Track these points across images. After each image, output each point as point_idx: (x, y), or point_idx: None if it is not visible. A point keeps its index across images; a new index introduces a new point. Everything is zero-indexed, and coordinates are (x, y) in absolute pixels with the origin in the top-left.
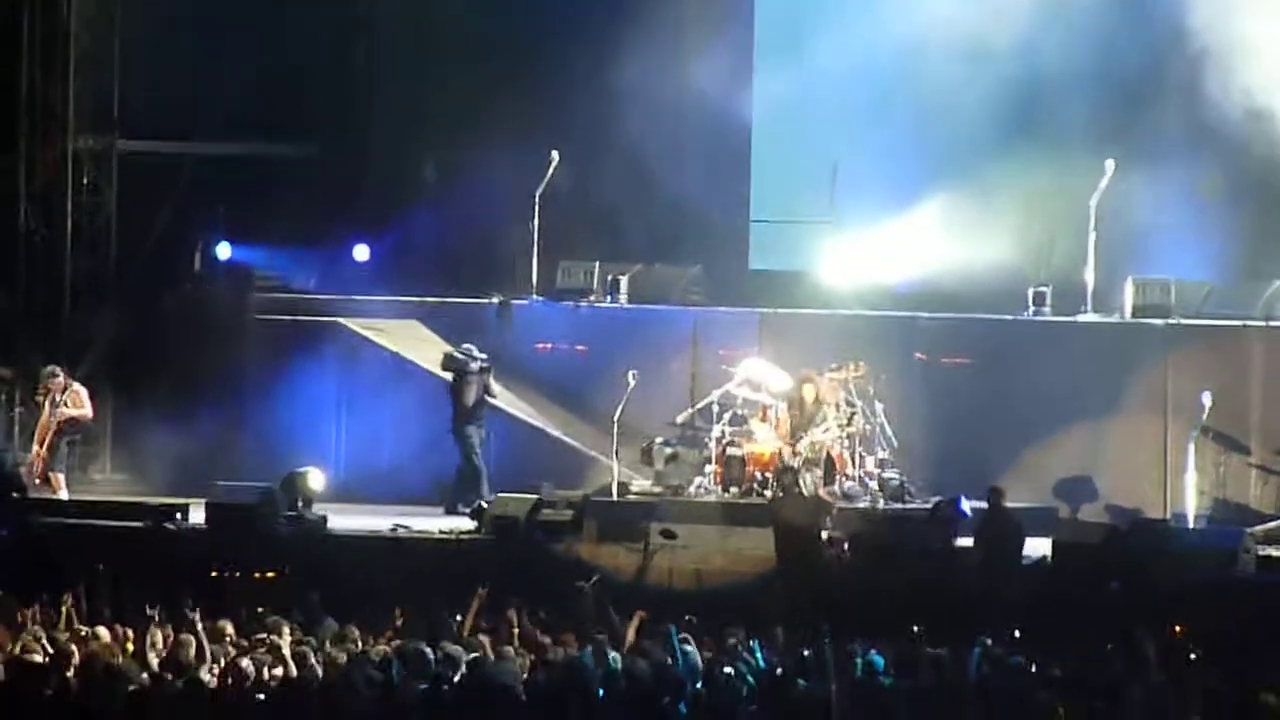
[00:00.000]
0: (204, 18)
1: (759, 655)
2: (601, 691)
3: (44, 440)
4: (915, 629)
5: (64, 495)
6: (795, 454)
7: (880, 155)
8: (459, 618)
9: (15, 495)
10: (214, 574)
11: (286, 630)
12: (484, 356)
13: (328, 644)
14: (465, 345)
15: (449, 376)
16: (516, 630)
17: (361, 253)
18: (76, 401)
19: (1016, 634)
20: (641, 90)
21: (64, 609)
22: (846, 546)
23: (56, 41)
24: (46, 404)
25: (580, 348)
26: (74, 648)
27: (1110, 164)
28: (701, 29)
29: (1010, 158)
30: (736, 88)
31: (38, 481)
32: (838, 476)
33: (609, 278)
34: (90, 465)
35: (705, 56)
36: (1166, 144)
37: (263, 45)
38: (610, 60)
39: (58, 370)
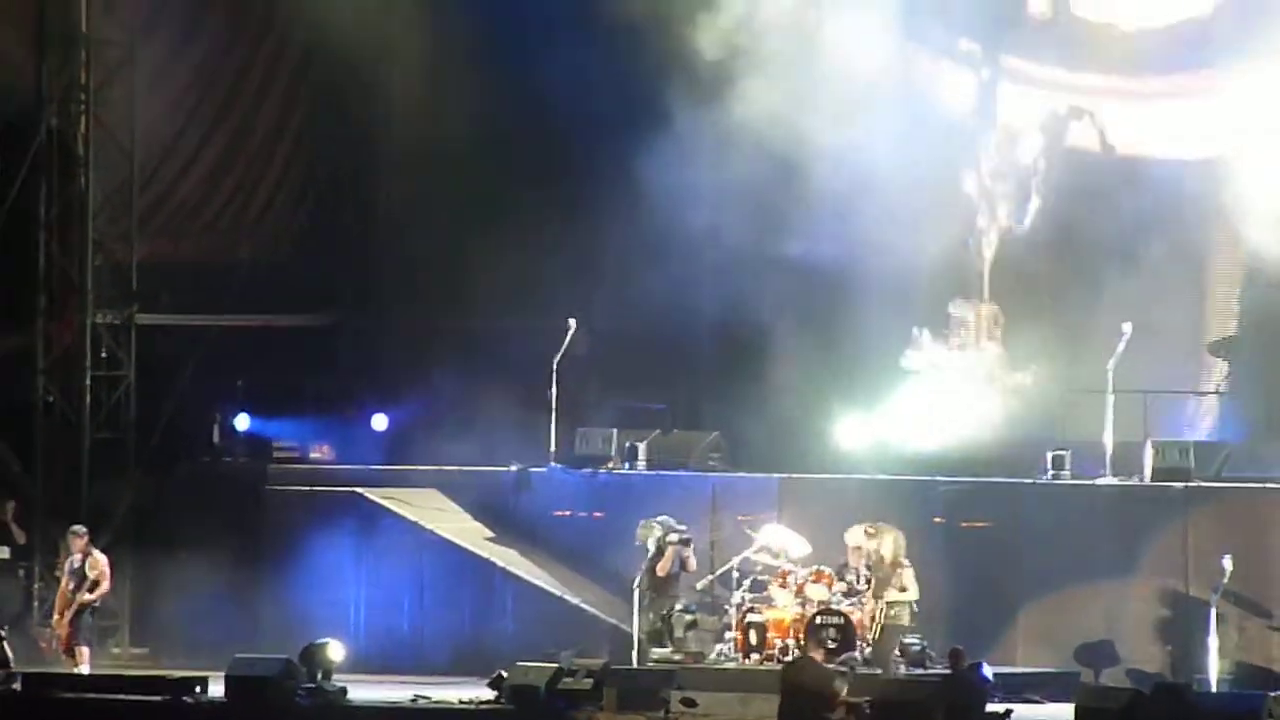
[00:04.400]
0: (220, 188)
1: None
2: None
3: (64, 610)
4: None
5: (86, 669)
6: (875, 614)
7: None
8: None
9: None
10: None
11: None
12: (683, 529)
13: None
14: (662, 516)
15: (649, 548)
16: None
17: (380, 422)
18: (97, 570)
19: None
20: (658, 257)
21: None
22: (868, 711)
23: (74, 216)
24: (66, 565)
25: (598, 514)
26: None
27: (1127, 327)
28: (716, 193)
29: (1027, 320)
30: (749, 251)
31: (61, 654)
32: (858, 641)
33: (627, 444)
34: (109, 639)
35: (719, 218)
36: (1176, 306)
37: (279, 217)
38: (627, 227)
39: (81, 530)
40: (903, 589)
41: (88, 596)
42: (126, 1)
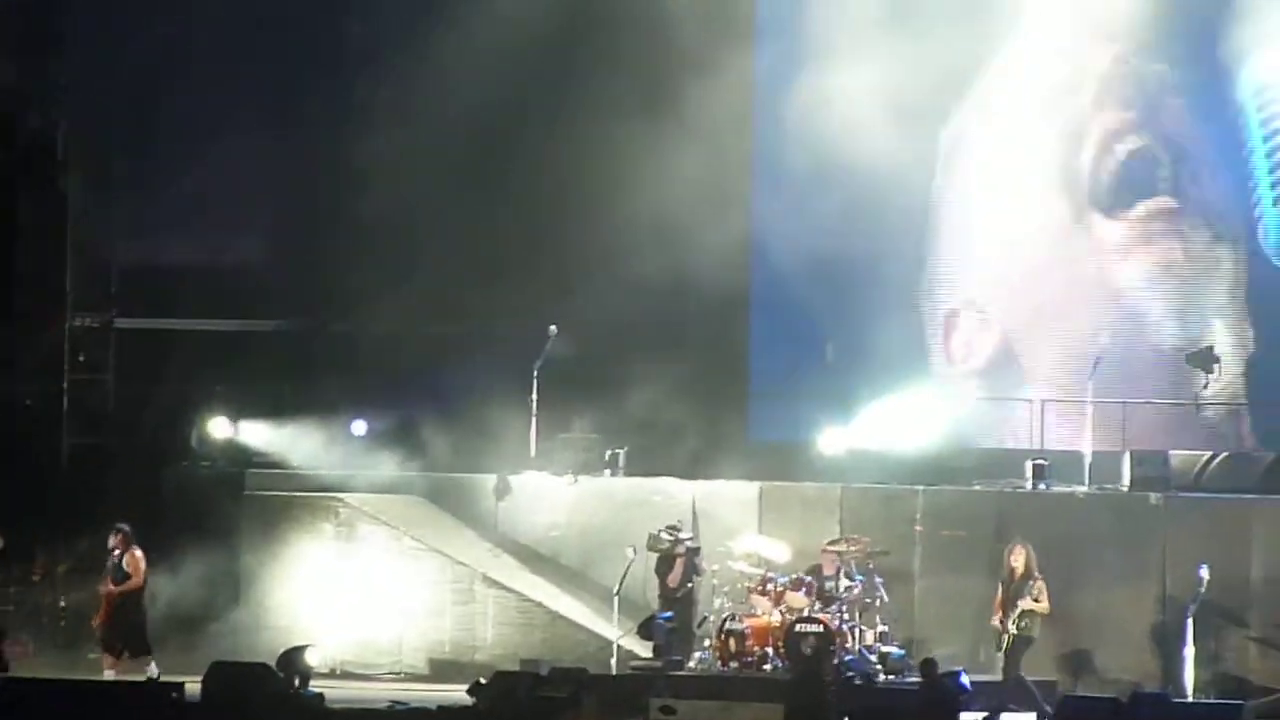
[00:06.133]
0: (203, 194)
1: None
2: None
3: (107, 611)
4: None
5: (111, 675)
6: (1005, 627)
7: (875, 328)
8: None
9: None
10: None
11: None
12: (689, 537)
13: None
14: (670, 525)
15: (648, 556)
16: None
17: (359, 427)
18: (134, 566)
19: None
20: (640, 264)
21: None
22: None
23: (55, 221)
24: (107, 564)
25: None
26: None
27: (1105, 337)
28: (701, 204)
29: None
30: (735, 264)
31: (103, 657)
32: (837, 650)
33: (608, 451)
34: (87, 644)
35: (703, 229)
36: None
37: (260, 222)
38: (608, 234)
39: (121, 527)
40: (1036, 600)
41: (113, 589)
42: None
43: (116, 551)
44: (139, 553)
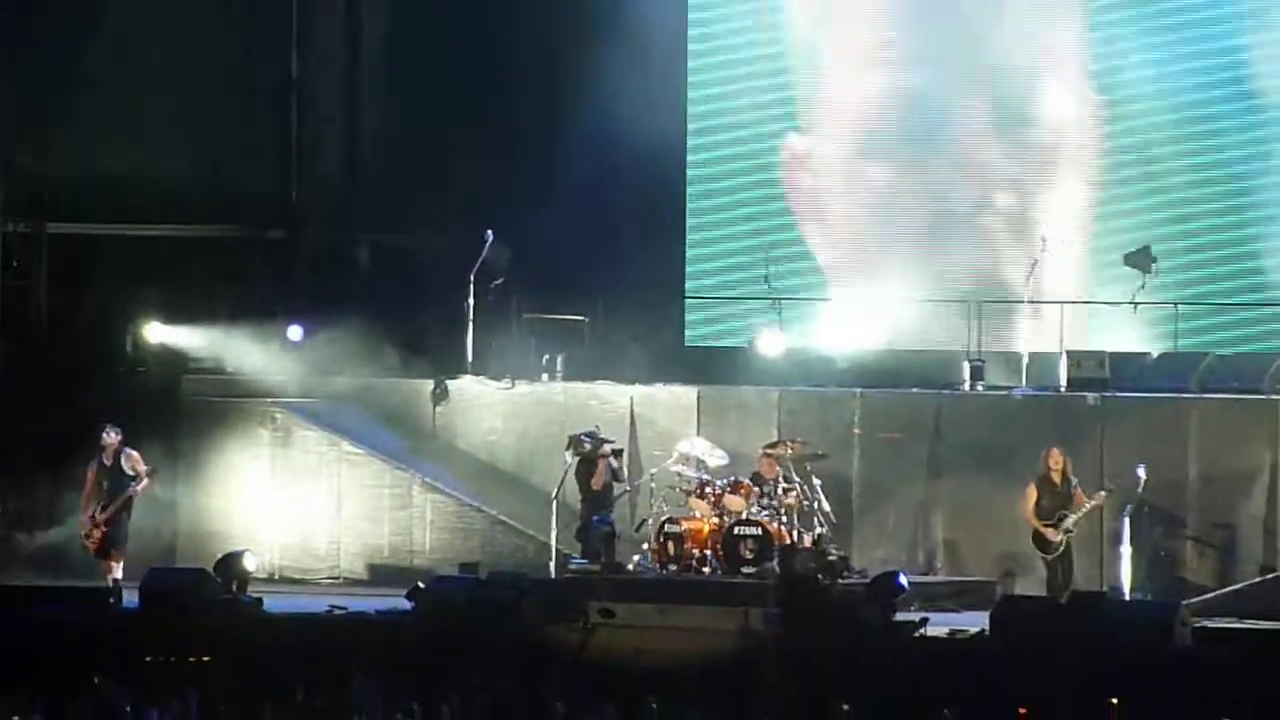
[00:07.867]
0: (136, 98)
1: None
2: None
3: (98, 509)
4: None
5: (120, 574)
6: (1060, 534)
7: (814, 232)
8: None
9: None
10: (148, 659)
11: None
12: (611, 440)
13: None
14: (590, 429)
15: (574, 460)
16: None
17: (295, 333)
18: (137, 466)
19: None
20: (576, 165)
21: None
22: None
23: None
24: (94, 465)
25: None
26: None
27: (1044, 238)
28: (637, 100)
29: (947, 234)
30: (671, 162)
31: (92, 552)
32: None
33: (545, 356)
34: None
35: (639, 129)
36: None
37: (195, 125)
38: (545, 136)
39: (111, 430)
40: (1091, 499)
41: (138, 488)
42: None
43: (110, 455)
44: (134, 452)
